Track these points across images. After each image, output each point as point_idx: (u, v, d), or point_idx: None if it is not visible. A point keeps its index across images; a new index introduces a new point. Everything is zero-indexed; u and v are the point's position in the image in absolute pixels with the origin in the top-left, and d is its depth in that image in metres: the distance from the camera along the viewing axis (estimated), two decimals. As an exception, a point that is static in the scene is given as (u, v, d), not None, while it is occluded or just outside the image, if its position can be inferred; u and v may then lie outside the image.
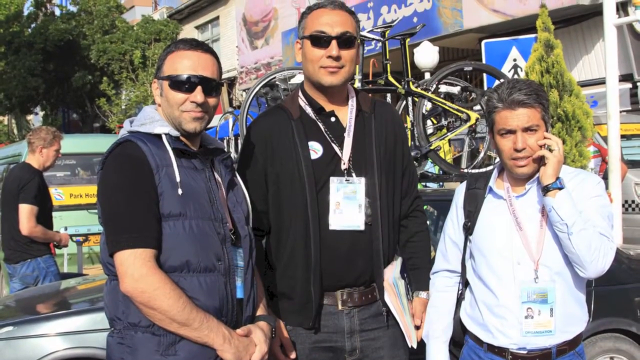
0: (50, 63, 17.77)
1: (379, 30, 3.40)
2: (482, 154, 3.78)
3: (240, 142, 3.76)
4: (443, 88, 3.59)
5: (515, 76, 7.01)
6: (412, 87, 3.40)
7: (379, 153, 1.93)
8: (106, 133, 16.04)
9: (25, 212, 3.93)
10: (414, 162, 3.00)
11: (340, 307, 1.89)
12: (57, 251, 4.44)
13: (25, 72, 17.05)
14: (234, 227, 1.69)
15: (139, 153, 1.59)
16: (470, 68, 3.63)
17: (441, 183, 4.04)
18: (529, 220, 1.80)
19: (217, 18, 17.62)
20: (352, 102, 1.97)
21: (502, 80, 3.28)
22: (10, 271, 4.13)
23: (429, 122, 3.59)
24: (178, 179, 1.59)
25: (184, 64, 1.65)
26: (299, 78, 3.37)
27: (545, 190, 1.73)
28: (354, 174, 1.89)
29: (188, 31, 18.29)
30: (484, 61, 7.57)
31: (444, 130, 3.50)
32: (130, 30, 17.51)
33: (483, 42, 8.14)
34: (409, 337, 1.93)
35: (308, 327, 1.87)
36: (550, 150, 1.74)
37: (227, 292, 1.63)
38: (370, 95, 2.08)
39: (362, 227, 1.87)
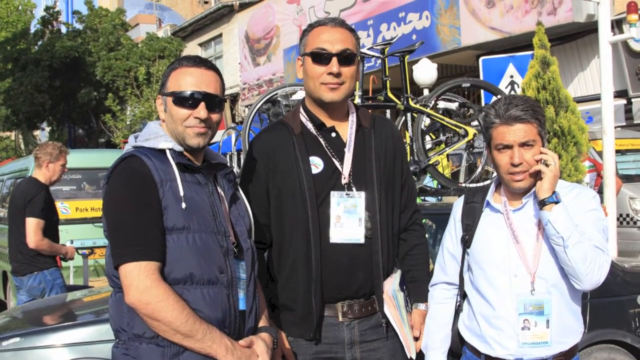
0: (57, 79, 17.95)
1: (378, 47, 3.44)
2: (479, 169, 3.81)
3: (242, 157, 3.81)
4: (441, 104, 3.62)
5: (512, 92, 7.07)
6: (411, 103, 3.43)
7: (378, 168, 1.96)
8: (111, 148, 16.09)
9: (32, 226, 3.97)
10: (413, 176, 3.03)
11: (340, 318, 1.91)
12: (63, 264, 4.47)
13: (32, 88, 17.22)
14: (236, 240, 1.72)
15: (143, 168, 1.61)
16: (468, 84, 3.67)
17: (439, 197, 4.06)
18: (525, 234, 1.83)
19: (220, 35, 17.81)
20: (353, 118, 2.00)
21: (499, 96, 3.31)
22: (18, 283, 4.16)
23: (427, 138, 3.61)
24: (182, 193, 1.61)
25: (188, 80, 1.68)
26: (300, 94, 3.39)
27: (542, 204, 1.75)
28: (354, 188, 1.92)
29: (191, 48, 18.47)
30: (481, 78, 7.62)
31: (443, 146, 3.52)
32: (134, 47, 17.69)
33: (480, 59, 8.21)
34: (408, 348, 1.95)
35: (309, 338, 1.89)
36: (547, 165, 1.77)
37: (229, 304, 1.65)
38: (370, 111, 2.11)
39: (362, 241, 1.90)
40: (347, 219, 1.90)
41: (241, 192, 1.84)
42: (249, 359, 1.63)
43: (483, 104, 6.61)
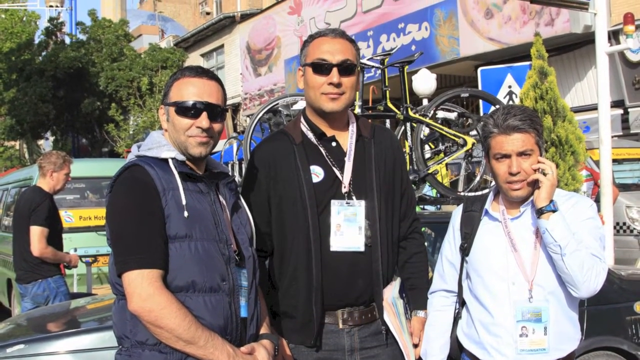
0: (61, 90, 18.07)
1: (378, 58, 3.47)
2: (478, 178, 3.82)
3: (244, 166, 3.83)
4: (440, 114, 3.65)
5: (510, 102, 7.11)
6: (411, 113, 3.45)
7: (378, 177, 1.97)
8: (114, 157, 16.18)
9: (36, 234, 4.00)
10: (413, 185, 3.05)
11: (341, 325, 1.92)
12: (67, 272, 4.51)
13: (36, 98, 17.33)
14: (238, 249, 1.73)
15: (146, 177, 1.63)
16: (467, 94, 3.70)
17: (439, 206, 4.07)
18: (523, 242, 1.85)
19: (222, 46, 17.93)
20: (353, 128, 2.01)
21: (497, 106, 3.34)
22: (22, 291, 4.19)
23: (426, 147, 3.63)
24: (184, 202, 1.63)
25: (190, 90, 1.70)
26: (301, 104, 3.41)
27: (540, 212, 1.77)
28: (354, 197, 1.93)
29: (194, 59, 18.59)
30: (480, 88, 7.67)
31: (442, 155, 3.54)
32: (137, 57, 17.82)
33: (479, 69, 8.28)
34: (407, 355, 1.96)
35: (310, 345, 1.91)
36: (544, 174, 1.79)
37: (231, 312, 1.66)
38: (370, 120, 2.13)
39: (362, 249, 1.91)
40: (347, 228, 1.91)
41: (243, 200, 1.86)
42: (250, 365, 1.63)
43: (482, 113, 6.66)
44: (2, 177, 9.63)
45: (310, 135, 1.99)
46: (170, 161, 1.69)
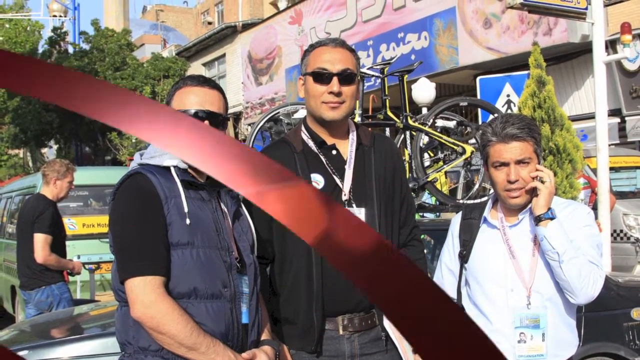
0: (63, 98, 18.15)
1: (378, 67, 3.50)
2: (477, 186, 3.83)
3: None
4: (440, 122, 3.67)
5: (509, 111, 7.15)
6: (410, 122, 3.47)
7: (378, 184, 1.98)
8: (117, 166, 16.22)
9: (40, 241, 4.03)
10: (412, 193, 3.07)
11: (341, 332, 1.93)
12: (71, 278, 4.52)
13: (39, 107, 17.42)
14: (239, 256, 1.74)
15: (148, 185, 1.64)
16: (466, 103, 3.72)
17: (438, 213, 4.09)
18: (521, 249, 1.86)
19: (224, 55, 18.04)
20: (353, 136, 2.03)
21: (496, 114, 3.37)
22: (26, 297, 4.21)
23: (426, 155, 3.65)
24: (186, 210, 1.64)
25: (192, 99, 1.72)
26: (301, 113, 3.43)
27: (538, 220, 1.79)
28: (354, 205, 1.94)
29: (195, 68, 18.69)
30: (478, 96, 7.71)
31: (441, 163, 3.56)
32: (140, 67, 17.92)
33: (478, 79, 8.32)
34: (406, 360, 1.98)
35: (310, 351, 1.91)
36: (542, 182, 1.80)
37: (232, 318, 1.67)
38: (370, 129, 2.15)
39: None
40: (348, 235, 1.94)
41: (244, 208, 1.87)
42: (251, 371, 1.65)
43: (480, 122, 6.69)
44: (6, 185, 9.67)
45: (310, 143, 2.01)
46: (172, 169, 1.70)
